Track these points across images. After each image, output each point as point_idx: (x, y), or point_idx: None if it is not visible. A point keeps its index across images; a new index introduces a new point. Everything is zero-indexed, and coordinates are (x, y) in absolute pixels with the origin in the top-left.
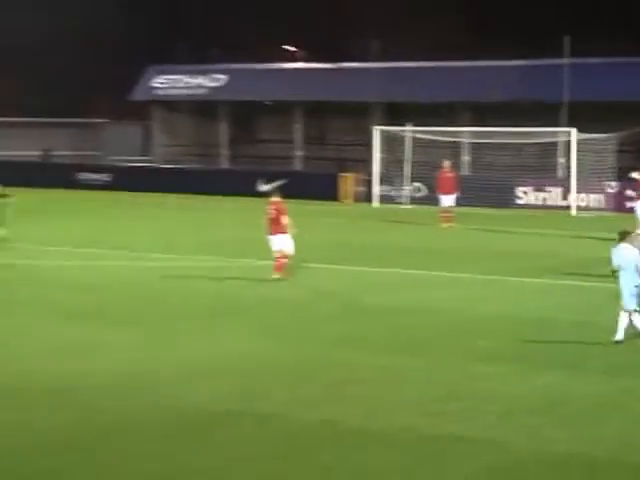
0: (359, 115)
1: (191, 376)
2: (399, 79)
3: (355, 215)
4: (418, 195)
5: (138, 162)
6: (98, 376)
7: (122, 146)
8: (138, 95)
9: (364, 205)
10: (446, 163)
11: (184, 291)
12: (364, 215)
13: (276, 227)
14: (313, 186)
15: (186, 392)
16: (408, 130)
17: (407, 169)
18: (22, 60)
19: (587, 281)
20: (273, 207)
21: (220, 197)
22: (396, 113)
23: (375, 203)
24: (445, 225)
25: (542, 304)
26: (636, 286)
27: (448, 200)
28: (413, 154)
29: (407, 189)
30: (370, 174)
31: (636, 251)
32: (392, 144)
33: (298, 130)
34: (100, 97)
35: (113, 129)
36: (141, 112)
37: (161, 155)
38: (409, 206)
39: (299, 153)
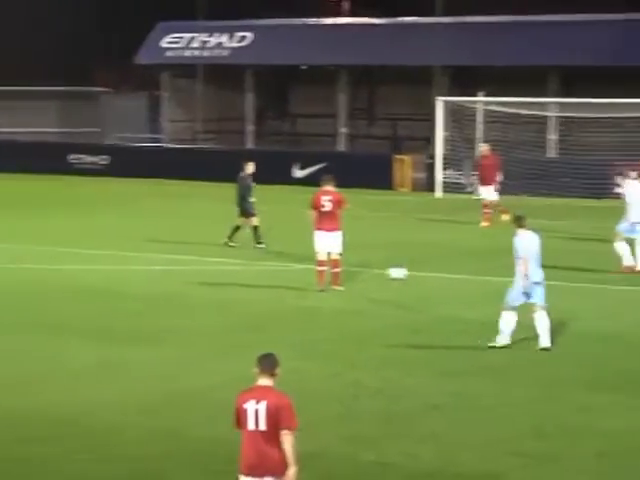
0: (419, 83)
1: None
2: (470, 38)
3: (414, 207)
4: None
5: (142, 141)
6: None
7: (124, 122)
8: (144, 58)
9: (425, 195)
10: (484, 147)
11: (214, 300)
12: (425, 207)
13: (327, 222)
14: (361, 171)
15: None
16: (480, 101)
17: (478, 150)
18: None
19: None
20: (330, 198)
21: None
22: (465, 80)
23: (438, 192)
24: (485, 224)
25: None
26: (537, 282)
27: (485, 192)
28: (486, 131)
29: (477, 175)
30: (432, 156)
31: (538, 238)
32: (460, 119)
33: (342, 102)
34: (97, 61)
35: (113, 101)
36: (148, 79)
37: (172, 133)
38: (480, 196)
39: (343, 130)
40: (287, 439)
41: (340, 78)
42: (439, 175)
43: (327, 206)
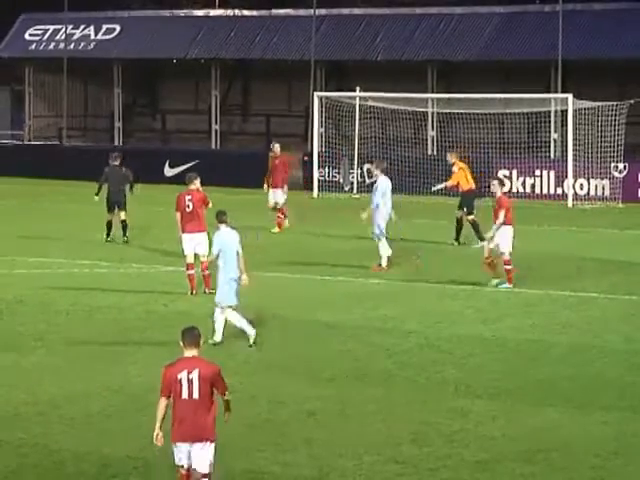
0: (294, 78)
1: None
2: (346, 31)
3: (289, 207)
4: (371, 180)
5: (2, 138)
6: None
7: None
8: (6, 51)
9: (300, 194)
10: (275, 146)
11: (80, 305)
12: (300, 207)
13: (192, 224)
14: (235, 169)
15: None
16: (357, 97)
17: (356, 147)
18: None
19: (592, 291)
20: (191, 198)
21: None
22: (342, 75)
23: (315, 191)
24: (277, 230)
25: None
26: (234, 280)
27: (274, 195)
28: (364, 128)
29: (356, 173)
30: (308, 154)
31: (236, 234)
32: (337, 115)
33: (215, 97)
34: None
35: None
36: (10, 73)
37: (36, 130)
38: (358, 195)
39: (216, 127)
40: (226, 400)
41: (212, 72)
42: (315, 173)
43: (190, 207)
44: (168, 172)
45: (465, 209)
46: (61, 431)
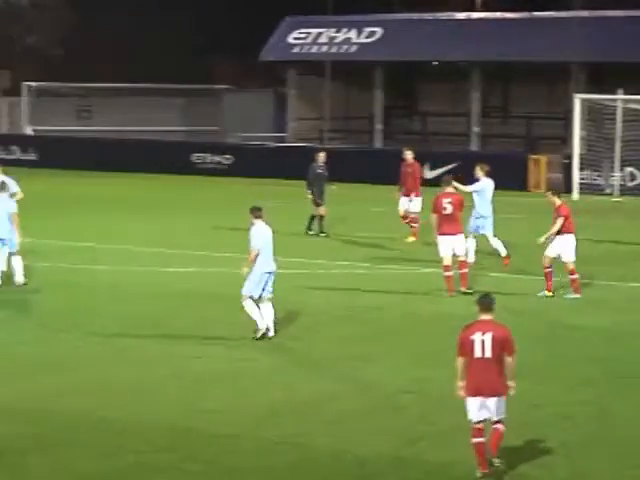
0: (555, 80)
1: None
2: (608, 33)
3: (547, 210)
4: (632, 184)
5: (265, 140)
6: None
7: (246, 120)
8: (270, 55)
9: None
10: (408, 153)
11: (338, 306)
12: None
13: (449, 226)
14: (494, 171)
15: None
16: (620, 99)
17: (617, 149)
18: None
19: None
20: (451, 200)
21: (369, 185)
22: (604, 77)
23: (575, 194)
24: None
25: None
26: (269, 272)
27: (405, 203)
28: (625, 130)
29: (617, 176)
30: (569, 156)
31: (270, 231)
32: (598, 117)
33: (475, 99)
34: (220, 58)
35: (236, 98)
36: (273, 76)
37: (297, 132)
38: (619, 198)
39: (475, 129)
40: (510, 362)
41: (473, 75)
42: (576, 176)
43: (448, 209)
44: (428, 174)
45: None
46: (315, 429)
